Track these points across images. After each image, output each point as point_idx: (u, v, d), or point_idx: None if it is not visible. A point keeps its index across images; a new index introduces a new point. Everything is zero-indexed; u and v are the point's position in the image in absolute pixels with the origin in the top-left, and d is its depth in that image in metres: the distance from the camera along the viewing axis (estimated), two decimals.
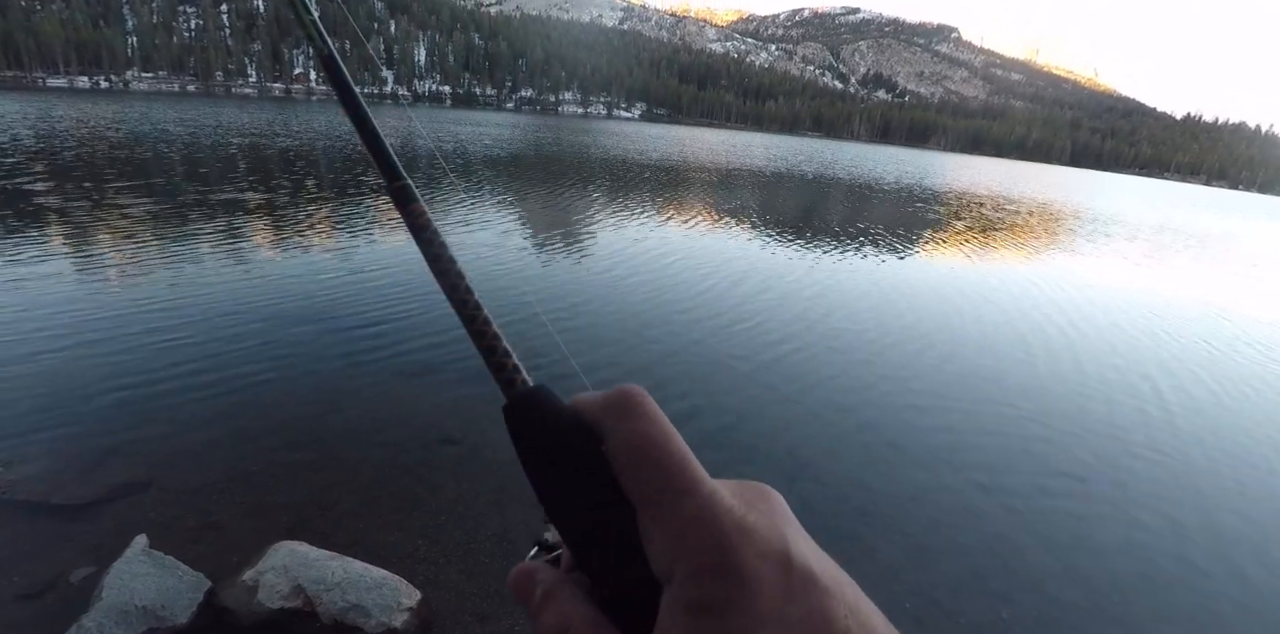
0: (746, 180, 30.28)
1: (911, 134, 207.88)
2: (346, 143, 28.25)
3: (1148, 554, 4.39)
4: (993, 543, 4.33)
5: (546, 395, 0.41)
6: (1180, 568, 4.27)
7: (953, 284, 12.20)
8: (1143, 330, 10.17)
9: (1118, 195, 56.62)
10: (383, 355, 6.15)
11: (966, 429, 5.99)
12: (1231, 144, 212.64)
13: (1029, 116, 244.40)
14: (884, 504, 4.65)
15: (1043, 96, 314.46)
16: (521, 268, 9.87)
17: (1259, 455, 6.14)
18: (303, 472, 4.24)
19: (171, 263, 8.42)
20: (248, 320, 6.68)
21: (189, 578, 3.03)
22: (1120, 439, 6.13)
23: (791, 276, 11.06)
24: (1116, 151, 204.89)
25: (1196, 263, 19.83)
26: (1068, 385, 7.39)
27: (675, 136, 74.62)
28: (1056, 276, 14.08)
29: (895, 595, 3.74)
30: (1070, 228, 25.19)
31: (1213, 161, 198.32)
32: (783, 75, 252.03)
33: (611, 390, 0.38)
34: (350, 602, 3.03)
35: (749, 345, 7.48)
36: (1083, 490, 5.13)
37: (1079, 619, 3.71)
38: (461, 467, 4.53)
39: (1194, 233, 29.70)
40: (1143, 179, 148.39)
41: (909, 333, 8.62)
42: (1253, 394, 7.84)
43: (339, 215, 12.57)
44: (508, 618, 3.24)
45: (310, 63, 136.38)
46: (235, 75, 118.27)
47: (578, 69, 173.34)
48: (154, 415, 4.71)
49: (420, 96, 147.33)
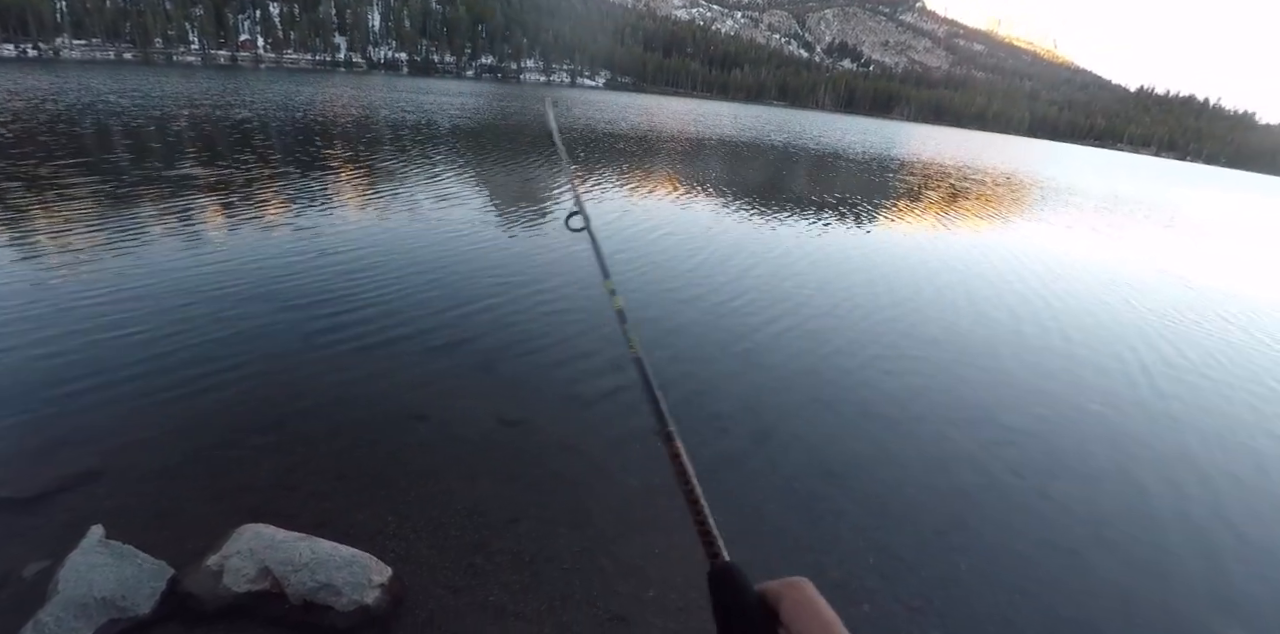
0: (719, 150, 30.08)
1: (875, 104, 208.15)
2: (307, 114, 27.25)
3: (1105, 508, 4.57)
4: (953, 501, 4.46)
5: (739, 572, 0.62)
6: (1136, 520, 4.46)
7: (924, 252, 12.36)
8: (1100, 294, 10.47)
9: (1074, 166, 57.73)
10: (345, 333, 6.01)
11: (930, 391, 6.11)
12: (1181, 116, 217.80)
13: (989, 87, 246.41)
14: (851, 466, 4.75)
15: (1003, 67, 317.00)
16: (509, 243, 9.69)
17: (1217, 409, 6.39)
18: (265, 453, 4.14)
19: (121, 244, 8.06)
20: (201, 301, 6.45)
21: (150, 566, 2.94)
22: (1080, 397, 6.34)
23: (770, 247, 11.07)
24: (1072, 123, 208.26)
25: (1148, 230, 20.41)
26: (1029, 346, 7.58)
27: (642, 105, 73.54)
28: (1022, 245, 14.39)
29: (860, 551, 3.84)
30: (1033, 197, 25.67)
31: (1163, 133, 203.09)
32: (748, 43, 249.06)
33: (790, 577, 0.58)
34: (320, 581, 2.99)
35: (716, 312, 7.49)
36: (1040, 448, 5.30)
37: (1034, 570, 3.86)
38: (431, 442, 4.48)
39: (1146, 202, 30.51)
40: (1097, 150, 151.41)
41: (878, 300, 8.72)
42: (1201, 350, 8.14)
43: (300, 192, 12.15)
44: (481, 589, 3.24)
45: (257, 28, 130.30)
46: (176, 42, 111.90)
47: (540, 35, 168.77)
48: (106, 402, 4.53)
49: (376, 64, 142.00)
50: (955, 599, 3.57)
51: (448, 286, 7.51)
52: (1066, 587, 3.78)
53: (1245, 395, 7.05)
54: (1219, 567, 4.12)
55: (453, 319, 6.59)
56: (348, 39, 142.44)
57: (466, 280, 7.82)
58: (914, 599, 3.52)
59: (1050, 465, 5.12)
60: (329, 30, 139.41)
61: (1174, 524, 4.51)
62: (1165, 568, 4.05)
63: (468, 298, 7.21)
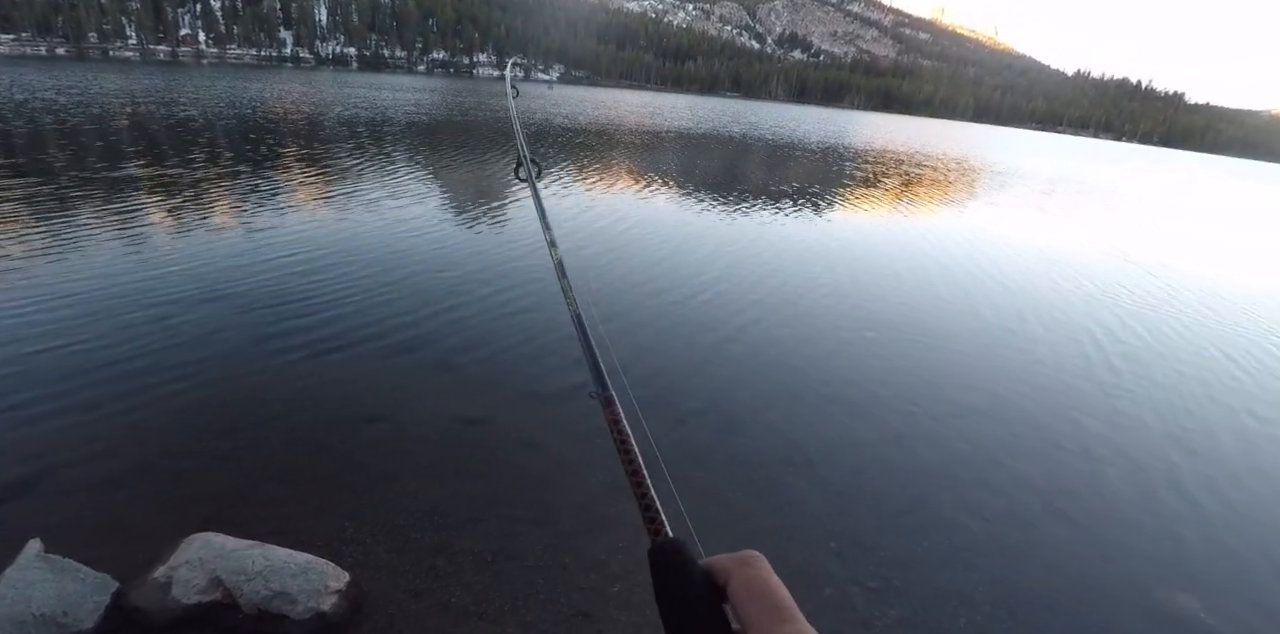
0: (679, 143, 30.08)
1: (826, 93, 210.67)
2: (255, 111, 26.42)
3: (1061, 482, 4.72)
4: (912, 482, 4.56)
5: (684, 546, 0.57)
6: (1091, 493, 4.62)
7: (881, 238, 12.59)
8: (1050, 273, 10.79)
9: (1020, 149, 59.29)
10: (298, 336, 5.85)
11: (890, 374, 6.23)
12: (1115, 98, 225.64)
13: (935, 75, 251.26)
14: (813, 451, 4.81)
15: (948, 55, 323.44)
16: (467, 241, 9.54)
17: (1168, 382, 6.64)
18: (215, 460, 4.02)
19: (60, 248, 7.71)
20: (146, 306, 6.21)
21: (92, 580, 2.83)
22: (1034, 374, 6.53)
23: (732, 237, 11.14)
24: (1014, 107, 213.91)
25: (1091, 209, 21.07)
26: (984, 327, 7.78)
27: (598, 99, 73.17)
28: (975, 228, 14.80)
29: (820, 537, 3.90)
30: (983, 181, 26.38)
31: (1100, 115, 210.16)
32: (701, 35, 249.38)
33: (740, 552, 0.53)
34: (274, 589, 2.92)
35: (679, 303, 7.51)
36: (997, 426, 5.45)
37: (991, 546, 3.97)
38: (388, 443, 4.40)
39: (1088, 182, 31.48)
40: (1039, 133, 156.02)
41: (839, 286, 8.85)
42: (1148, 324, 8.45)
43: (249, 192, 11.79)
44: (442, 591, 3.20)
45: (198, 22, 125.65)
46: (111, 36, 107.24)
47: (492, 30, 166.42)
48: (45, 413, 4.34)
49: (324, 59, 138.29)
50: (914, 579, 3.65)
51: (404, 286, 7.38)
52: (1022, 561, 3.90)
53: (1194, 368, 7.34)
54: (1172, 535, 4.29)
55: (410, 318, 6.47)
56: (294, 33, 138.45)
57: (424, 279, 7.69)
58: (873, 580, 3.60)
59: (1007, 443, 5.27)
60: (274, 24, 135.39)
61: (1128, 495, 4.68)
62: (1119, 538, 4.20)
63: (425, 297, 7.10)
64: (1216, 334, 8.75)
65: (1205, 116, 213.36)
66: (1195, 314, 9.59)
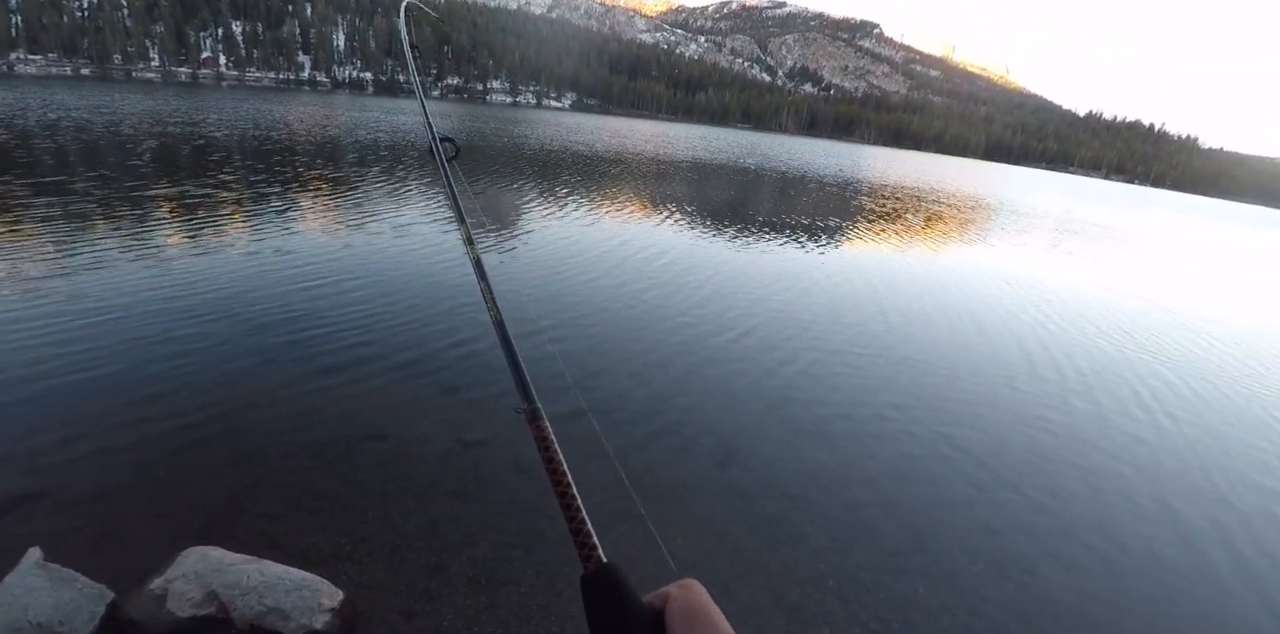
0: (697, 173, 30.42)
1: (837, 127, 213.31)
2: (280, 133, 26.92)
3: (1062, 524, 4.70)
4: (912, 519, 4.54)
5: (620, 574, 0.54)
6: (1093, 537, 4.59)
7: (896, 273, 12.63)
8: (1064, 312, 10.81)
9: (1032, 189, 59.75)
10: (303, 352, 5.93)
11: (888, 413, 6.24)
12: (1128, 140, 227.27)
13: (946, 111, 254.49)
14: (811, 487, 4.81)
15: (958, 92, 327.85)
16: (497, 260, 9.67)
17: (1194, 435, 6.63)
18: (215, 474, 4.05)
19: (69, 261, 7.85)
20: (152, 319, 6.31)
21: (89, 590, 2.86)
22: (1038, 412, 6.52)
23: (756, 270, 11.23)
24: (1026, 146, 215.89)
25: (1107, 252, 21.15)
26: (988, 363, 7.79)
27: (612, 127, 74.23)
28: (988, 265, 14.90)
29: (820, 574, 3.88)
30: (1000, 220, 26.59)
31: (1111, 157, 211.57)
32: (712, 67, 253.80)
33: (681, 581, 0.54)
34: (268, 605, 2.94)
35: (680, 335, 7.56)
36: (997, 463, 5.43)
37: (991, 590, 3.94)
38: (388, 462, 4.43)
39: (1101, 224, 31.64)
40: (1050, 173, 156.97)
41: (845, 318, 8.90)
42: (1174, 370, 8.46)
43: (263, 211, 11.99)
44: (435, 614, 3.20)
45: (219, 46, 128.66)
46: (135, 58, 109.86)
47: (505, 57, 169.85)
48: (45, 421, 4.40)
49: (340, 83, 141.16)
50: (913, 622, 3.62)
51: (411, 304, 7.47)
52: (1026, 610, 3.85)
53: (1229, 419, 7.30)
54: (1189, 588, 4.25)
55: (414, 338, 6.54)
56: (312, 58, 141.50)
57: (431, 300, 7.78)
58: (872, 623, 3.57)
59: (1013, 484, 5.23)
60: (293, 49, 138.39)
61: (1132, 541, 4.65)
62: (1130, 590, 4.16)
63: (431, 317, 7.18)
64: (1253, 386, 8.73)
65: (1219, 161, 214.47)
66: (1234, 368, 9.49)
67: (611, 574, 0.55)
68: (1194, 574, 4.31)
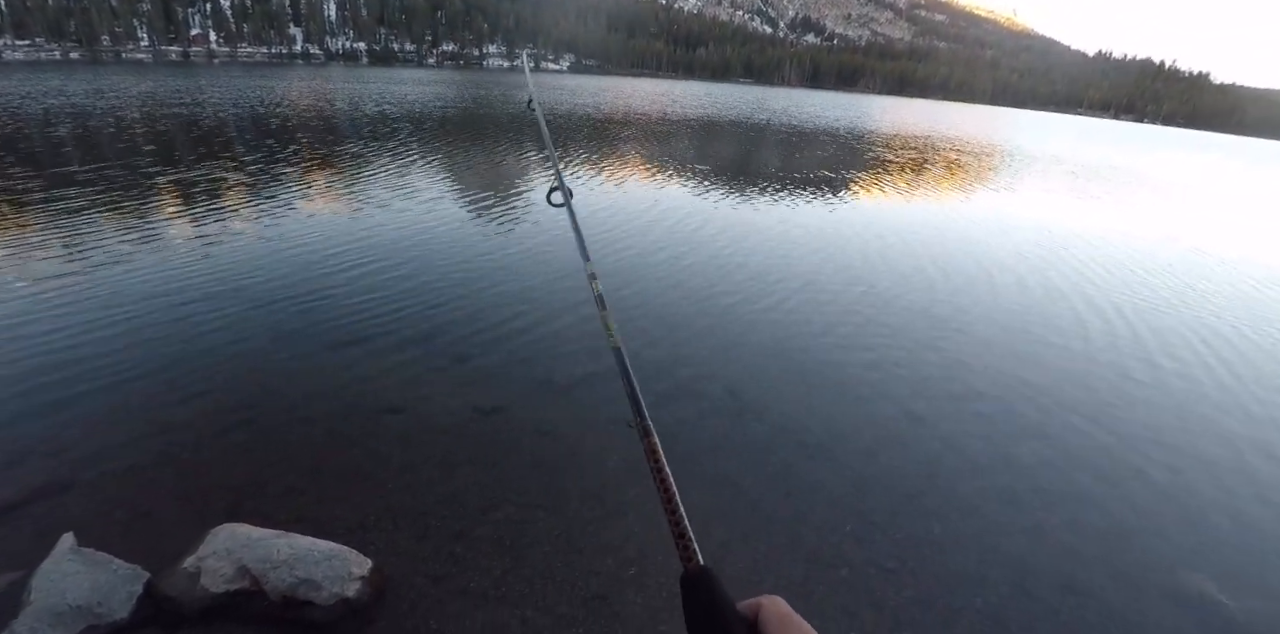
0: (711, 130, 29.91)
1: (840, 78, 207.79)
2: (282, 109, 26.60)
3: (1071, 461, 4.70)
4: (925, 464, 4.56)
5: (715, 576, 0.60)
6: (1101, 472, 4.59)
7: (911, 225, 12.44)
8: (1074, 259, 10.64)
9: (1044, 133, 58.30)
10: (316, 328, 5.95)
11: (903, 360, 6.21)
12: (1138, 79, 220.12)
13: (951, 57, 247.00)
14: (826, 437, 4.82)
15: (964, 37, 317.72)
16: (481, 232, 9.60)
17: (1191, 385, 6.57)
18: (237, 453, 4.11)
19: (82, 245, 7.87)
20: (166, 302, 6.34)
21: (124, 572, 2.93)
22: (1045, 359, 6.47)
23: (756, 226, 11.09)
24: (1034, 89, 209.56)
25: (1133, 195, 20.70)
26: (1002, 307, 7.71)
27: (615, 88, 72.77)
28: (1023, 214, 14.82)
29: (836, 520, 3.92)
30: (1019, 166, 26.21)
31: (1121, 96, 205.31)
32: (712, 21, 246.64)
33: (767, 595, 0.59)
34: (299, 577, 2.99)
35: (695, 291, 7.51)
36: (1008, 409, 5.42)
37: (1004, 527, 3.97)
38: (406, 434, 4.47)
39: (1120, 166, 30.92)
40: (1059, 115, 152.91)
41: (853, 272, 8.80)
42: (1181, 324, 8.34)
43: (272, 188, 11.92)
44: (462, 576, 3.26)
45: (208, 22, 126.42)
46: (124, 39, 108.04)
47: (501, 20, 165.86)
48: (72, 409, 4.45)
49: (334, 55, 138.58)
50: (930, 559, 3.67)
51: (419, 277, 7.45)
52: (1041, 542, 3.90)
53: (1237, 360, 7.23)
54: (1196, 517, 4.26)
55: (425, 309, 6.55)
56: (304, 30, 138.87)
57: (439, 270, 7.75)
58: (889, 561, 3.62)
59: (1027, 425, 5.25)
60: (284, 21, 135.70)
61: (1131, 473, 4.65)
62: (1141, 520, 4.18)
63: (440, 287, 7.16)
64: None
65: (1231, 97, 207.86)
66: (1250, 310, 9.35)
67: (711, 577, 0.60)
68: (1220, 507, 4.31)
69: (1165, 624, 3.37)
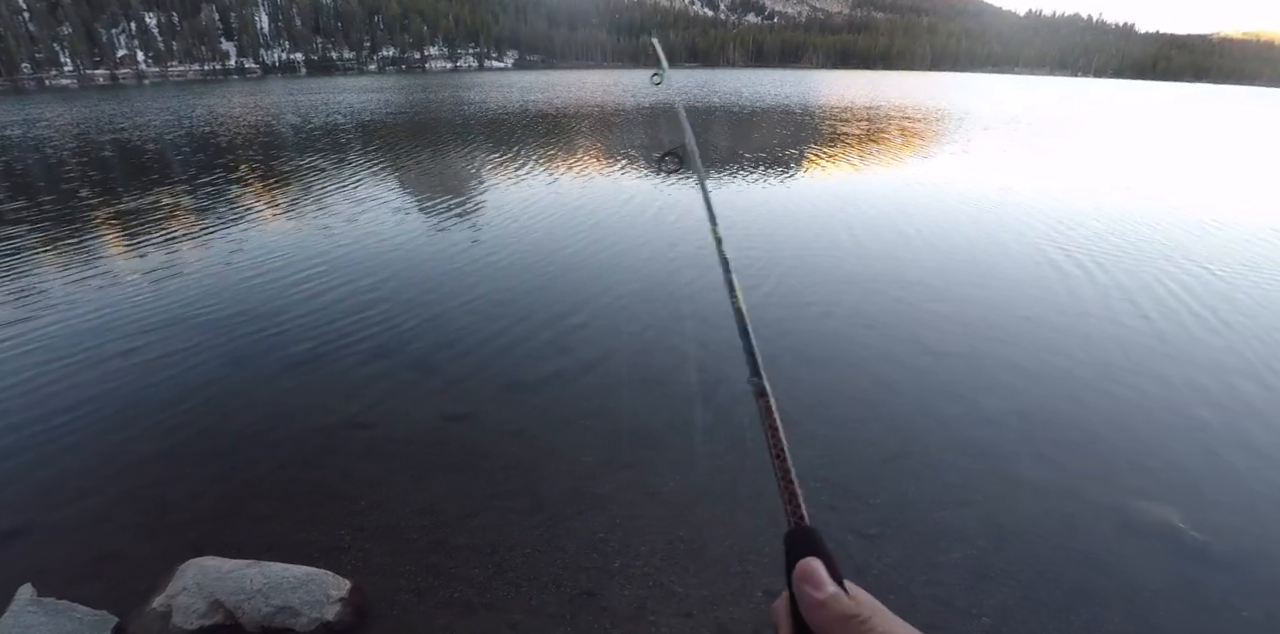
0: (667, 117, 29.73)
1: (784, 55, 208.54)
2: (214, 128, 25.83)
3: (1038, 416, 4.78)
4: (897, 428, 4.60)
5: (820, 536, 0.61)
6: (1067, 425, 4.68)
7: (874, 189, 12.52)
8: (1040, 216, 10.81)
9: (984, 94, 59.08)
10: (271, 353, 5.80)
11: (869, 326, 6.25)
12: (1068, 35, 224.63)
13: (890, 27, 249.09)
14: (797, 408, 4.83)
15: (900, 5, 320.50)
16: (426, 241, 9.44)
17: (1170, 334, 6.71)
18: (200, 484, 3.99)
19: (28, 278, 7.57)
20: (114, 336, 6.12)
21: (90, 618, 2.83)
22: (1010, 315, 6.57)
23: (750, 211, 11.07)
24: (971, 52, 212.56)
25: (1082, 145, 21.08)
26: (957, 268, 7.81)
27: (563, 82, 71.89)
28: (986, 175, 15.15)
29: (811, 490, 3.94)
30: (968, 128, 26.51)
31: (1054, 53, 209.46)
32: (653, 8, 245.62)
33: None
34: (275, 605, 2.93)
35: (688, 272, 7.49)
36: (973, 367, 5.49)
37: (977, 483, 4.04)
38: (375, 449, 4.39)
39: (1061, 118, 31.47)
40: (996, 76, 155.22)
41: (831, 239, 8.83)
42: (1143, 271, 8.52)
43: (206, 210, 11.59)
44: (444, 588, 3.22)
45: (134, 42, 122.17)
46: (46, 65, 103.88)
47: (439, 21, 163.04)
48: (20, 453, 4.29)
49: (270, 68, 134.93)
50: (908, 521, 3.71)
51: (376, 291, 7.31)
52: (1011, 492, 3.98)
53: (1198, 300, 7.41)
54: (1157, 451, 4.37)
55: (381, 323, 6.42)
56: (236, 44, 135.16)
57: (394, 285, 7.61)
58: (870, 528, 3.65)
59: (984, 383, 5.33)
60: (214, 37, 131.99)
61: (1101, 424, 4.75)
62: (1103, 461, 4.28)
63: (398, 301, 7.03)
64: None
65: (1156, 44, 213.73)
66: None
67: (819, 535, 0.62)
68: (1181, 441, 4.42)
69: (1141, 561, 3.44)
